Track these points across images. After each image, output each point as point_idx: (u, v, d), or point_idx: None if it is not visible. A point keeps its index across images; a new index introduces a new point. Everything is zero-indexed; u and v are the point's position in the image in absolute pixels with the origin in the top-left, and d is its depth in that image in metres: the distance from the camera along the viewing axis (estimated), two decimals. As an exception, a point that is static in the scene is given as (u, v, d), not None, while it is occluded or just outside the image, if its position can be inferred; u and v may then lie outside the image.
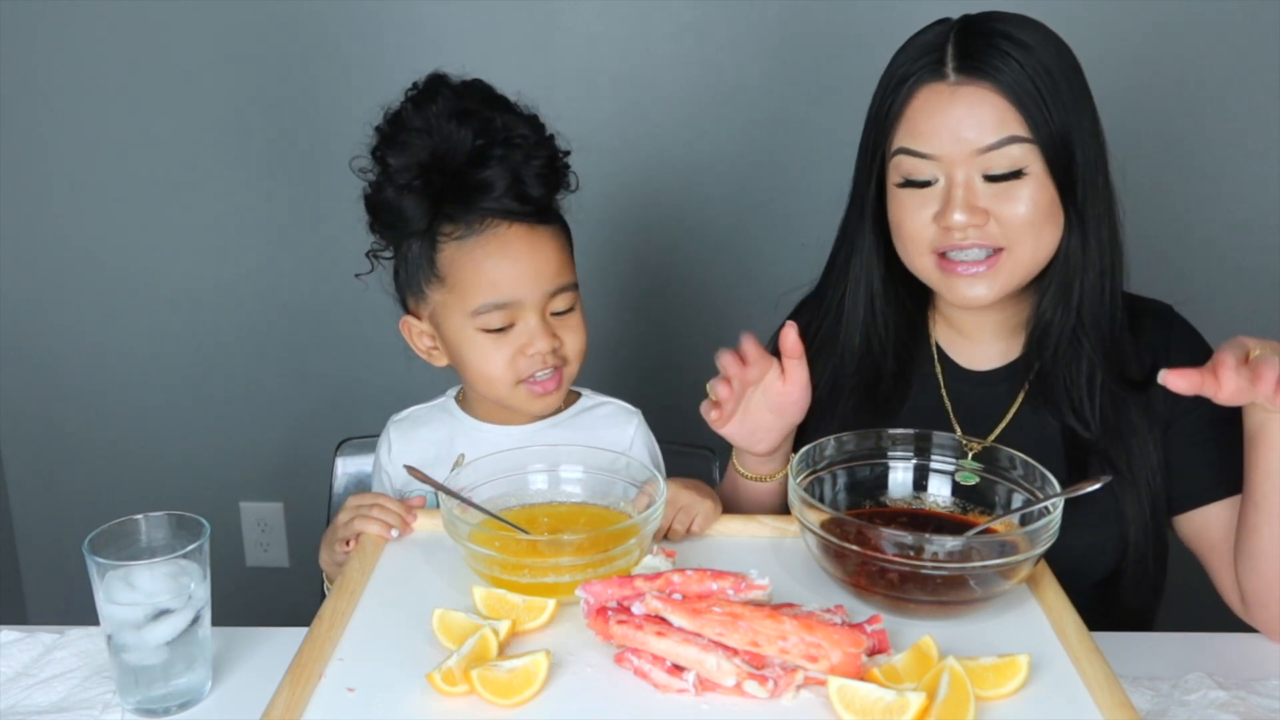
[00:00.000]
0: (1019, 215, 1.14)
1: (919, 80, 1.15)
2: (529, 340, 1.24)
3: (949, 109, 1.13)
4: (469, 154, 1.20)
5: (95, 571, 0.97)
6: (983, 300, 1.18)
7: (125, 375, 2.22)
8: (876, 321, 1.28)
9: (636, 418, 1.38)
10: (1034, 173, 1.13)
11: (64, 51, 2.03)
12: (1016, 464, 1.11)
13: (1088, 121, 1.15)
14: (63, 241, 2.15)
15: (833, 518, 1.03)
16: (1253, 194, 2.00)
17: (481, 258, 1.22)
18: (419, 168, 1.21)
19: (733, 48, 1.99)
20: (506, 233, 1.23)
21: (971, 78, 1.13)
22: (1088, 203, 1.16)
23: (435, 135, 1.20)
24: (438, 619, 0.97)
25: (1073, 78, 1.15)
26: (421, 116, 1.21)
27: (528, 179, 1.22)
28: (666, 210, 2.08)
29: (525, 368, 1.25)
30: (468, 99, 1.22)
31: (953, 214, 1.13)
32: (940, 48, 1.15)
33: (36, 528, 2.33)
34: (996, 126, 1.12)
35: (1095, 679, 0.90)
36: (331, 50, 2.01)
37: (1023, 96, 1.12)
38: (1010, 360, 1.28)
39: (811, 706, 0.88)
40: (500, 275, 1.22)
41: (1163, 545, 1.24)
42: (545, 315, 1.25)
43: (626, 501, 1.15)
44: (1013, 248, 1.15)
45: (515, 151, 1.21)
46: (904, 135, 1.16)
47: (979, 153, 1.13)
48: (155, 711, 1.00)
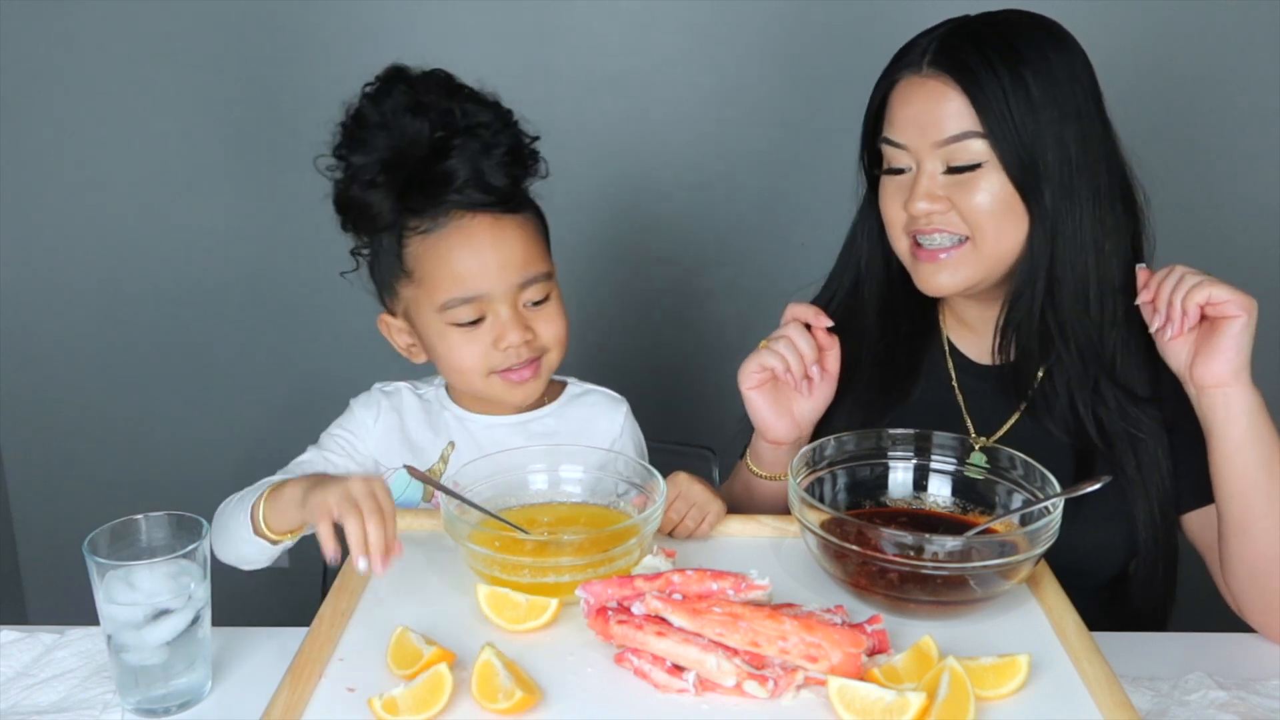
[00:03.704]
0: (977, 205, 1.16)
1: (900, 72, 1.19)
2: (500, 333, 1.22)
3: (916, 98, 1.17)
4: (428, 146, 1.18)
5: (95, 571, 0.97)
6: (945, 288, 1.20)
7: (125, 375, 2.22)
8: (888, 305, 1.29)
9: (625, 406, 1.38)
10: (991, 168, 1.15)
11: (59, 51, 2.03)
12: (1017, 464, 1.11)
13: (1070, 122, 1.14)
14: (62, 241, 2.15)
15: (833, 518, 1.03)
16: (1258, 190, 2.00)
17: (446, 251, 1.21)
18: (380, 164, 1.19)
19: (732, 47, 1.99)
20: (471, 224, 1.21)
21: (939, 72, 1.15)
22: (1063, 199, 1.15)
23: (394, 130, 1.18)
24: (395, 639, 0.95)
25: (1057, 82, 1.14)
26: (379, 111, 1.19)
27: (488, 168, 1.19)
28: (666, 210, 2.08)
29: (499, 361, 1.24)
30: (425, 91, 1.20)
31: (915, 202, 1.17)
32: (926, 45, 1.18)
33: (36, 528, 2.33)
34: (955, 121, 1.14)
35: (1095, 679, 0.90)
36: (328, 50, 2.01)
37: (981, 95, 1.13)
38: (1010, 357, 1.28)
39: (811, 706, 0.88)
40: (466, 268, 1.20)
41: (1172, 547, 1.24)
42: (517, 307, 1.23)
43: (626, 501, 1.15)
44: (975, 238, 1.17)
45: (474, 141, 1.19)
46: (887, 125, 1.20)
47: (939, 144, 1.15)
48: (155, 711, 1.00)
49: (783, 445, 1.26)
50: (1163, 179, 1.22)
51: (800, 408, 1.25)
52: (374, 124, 1.19)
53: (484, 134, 1.19)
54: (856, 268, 1.31)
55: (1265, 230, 2.02)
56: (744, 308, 2.11)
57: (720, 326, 2.13)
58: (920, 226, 1.18)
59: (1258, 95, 1.95)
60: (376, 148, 1.19)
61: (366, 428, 1.33)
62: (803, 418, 1.25)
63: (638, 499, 1.13)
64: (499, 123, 1.21)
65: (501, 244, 1.21)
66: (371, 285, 1.31)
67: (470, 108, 1.20)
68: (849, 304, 1.31)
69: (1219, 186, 2.01)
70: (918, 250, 1.20)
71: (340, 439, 1.34)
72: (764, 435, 1.26)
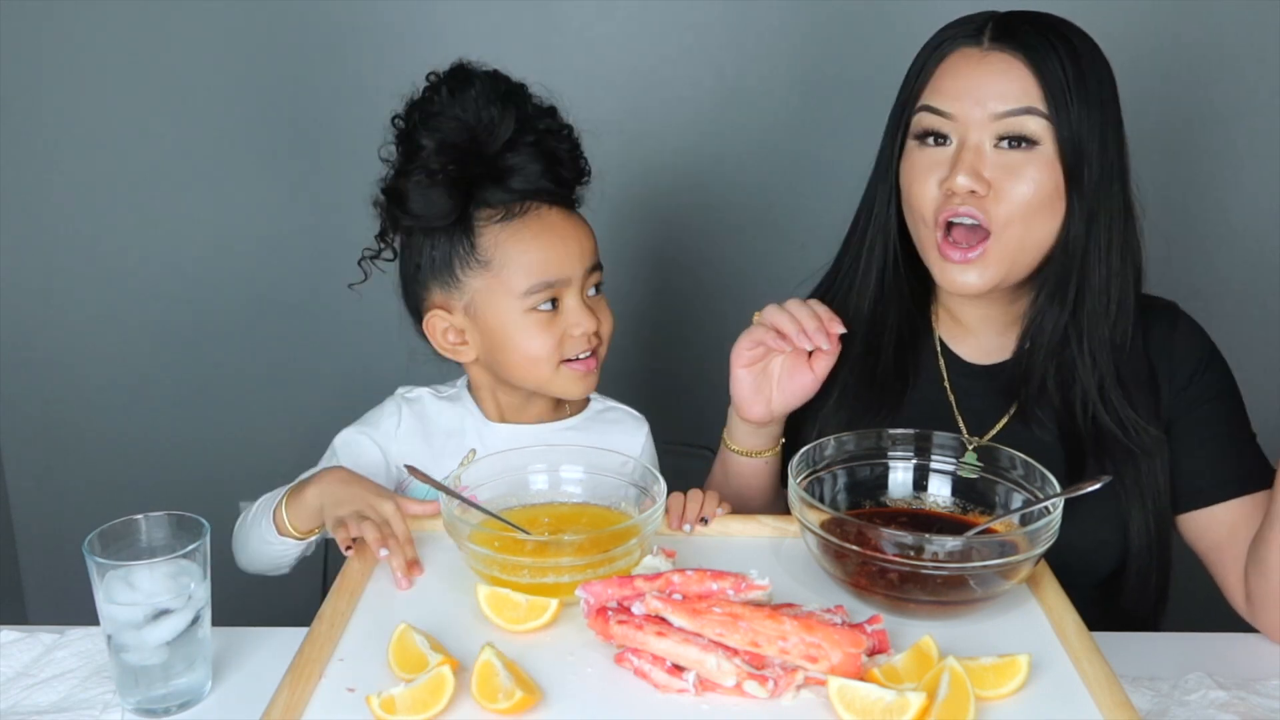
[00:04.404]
0: (1020, 194, 1.14)
1: (953, 45, 1.18)
2: (574, 320, 1.26)
3: (976, 71, 1.15)
4: (502, 140, 1.22)
5: (95, 571, 0.97)
6: (973, 288, 1.18)
7: (125, 375, 2.22)
8: (886, 292, 1.28)
9: (646, 427, 1.40)
10: (1045, 150, 1.14)
11: (63, 46, 2.03)
12: (1016, 464, 1.11)
13: (1111, 127, 1.15)
14: (63, 240, 2.15)
15: (833, 518, 1.03)
16: (1258, 193, 2.00)
17: (530, 238, 1.24)
18: (454, 150, 1.21)
19: (735, 47, 1.99)
20: (548, 214, 1.26)
21: (1005, 46, 1.15)
22: (1099, 201, 1.15)
23: (472, 119, 1.22)
24: (396, 637, 0.95)
25: (1104, 83, 1.16)
26: (458, 102, 1.22)
27: (563, 161, 1.26)
28: (667, 210, 2.08)
29: (570, 349, 1.27)
30: (496, 87, 1.24)
31: (957, 176, 1.14)
32: (983, 21, 1.18)
33: (36, 528, 2.33)
34: (1019, 95, 1.13)
35: (1095, 679, 0.90)
36: (332, 48, 2.01)
37: (1049, 75, 1.13)
38: (1007, 357, 1.28)
39: (811, 706, 0.88)
40: (548, 255, 1.25)
41: (1166, 558, 1.23)
42: (584, 296, 1.27)
43: (627, 502, 1.15)
44: (1000, 234, 1.15)
45: (548, 136, 1.24)
46: (929, 93, 1.18)
47: (997, 118, 1.14)
48: (155, 711, 1.00)
49: (755, 425, 1.26)
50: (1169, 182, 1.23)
51: (776, 398, 1.24)
52: (451, 114, 1.22)
53: (552, 131, 1.25)
54: (859, 254, 1.30)
55: (1266, 232, 2.02)
56: (744, 307, 2.10)
57: (719, 326, 2.12)
58: (955, 206, 1.15)
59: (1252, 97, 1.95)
60: (451, 135, 1.21)
61: (388, 432, 1.34)
62: (777, 406, 1.25)
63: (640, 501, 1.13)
64: (559, 124, 1.26)
65: (574, 233, 1.27)
66: (397, 289, 1.32)
67: (534, 107, 1.25)
68: (843, 305, 1.30)
69: (1213, 190, 2.01)
70: (947, 248, 1.17)
71: (358, 444, 1.33)
72: (738, 410, 1.26)
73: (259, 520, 1.21)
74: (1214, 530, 1.20)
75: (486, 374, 1.33)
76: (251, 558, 1.26)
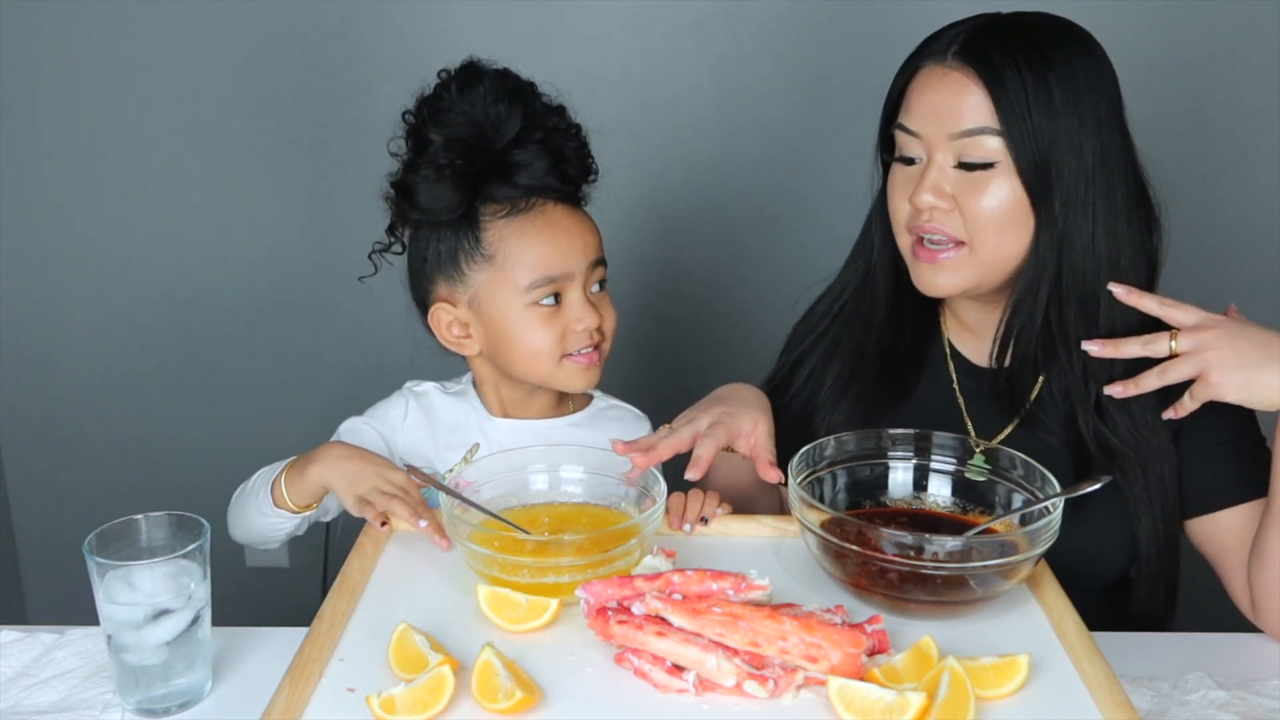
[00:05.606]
0: (983, 209, 1.15)
1: (922, 61, 1.18)
2: (577, 315, 1.27)
3: (938, 90, 1.16)
4: (510, 136, 1.23)
5: (95, 571, 0.97)
6: (942, 290, 1.20)
7: (126, 374, 2.22)
8: (895, 295, 1.29)
9: (648, 424, 1.40)
10: (1004, 169, 1.14)
11: (64, 45, 2.03)
12: (1017, 464, 1.11)
13: (1089, 132, 1.13)
14: (63, 240, 2.15)
15: (833, 518, 1.03)
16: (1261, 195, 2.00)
17: (535, 233, 1.25)
18: (461, 145, 1.22)
19: (736, 48, 1.99)
20: (554, 210, 1.27)
21: (963, 65, 1.15)
22: (1071, 216, 1.14)
23: (480, 115, 1.23)
24: (396, 636, 0.94)
25: (1080, 88, 1.14)
26: (467, 99, 1.23)
27: (569, 159, 1.27)
28: (667, 211, 2.08)
29: (572, 343, 1.27)
30: (506, 84, 1.25)
31: (921, 194, 1.16)
32: (952, 37, 1.17)
33: (36, 528, 2.33)
34: (973, 115, 1.14)
35: (1095, 679, 0.90)
36: (333, 48, 2.01)
37: (1002, 93, 1.12)
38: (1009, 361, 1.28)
39: (811, 706, 0.88)
40: (551, 250, 1.25)
41: (1174, 564, 1.23)
42: (587, 291, 1.28)
43: (627, 502, 1.15)
44: (974, 244, 1.16)
45: (555, 134, 1.25)
46: (903, 112, 1.20)
47: (954, 137, 1.15)
48: (155, 711, 1.00)
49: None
50: (1174, 181, 1.22)
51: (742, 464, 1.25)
52: (460, 110, 1.23)
53: (560, 129, 1.26)
54: (869, 258, 1.30)
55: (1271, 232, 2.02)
56: (744, 308, 2.11)
57: (719, 326, 2.13)
58: (922, 223, 1.17)
59: (1256, 99, 1.95)
60: (459, 131, 1.22)
61: (395, 424, 1.35)
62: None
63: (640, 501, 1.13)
64: (566, 121, 1.27)
65: (577, 229, 1.28)
66: (404, 281, 1.33)
67: (542, 105, 1.26)
68: (859, 295, 1.31)
69: (1226, 187, 2.01)
70: (919, 249, 1.19)
71: (362, 432, 1.35)
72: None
73: (257, 491, 1.24)
74: (1221, 535, 1.20)
75: (490, 368, 1.34)
76: (245, 529, 1.28)
